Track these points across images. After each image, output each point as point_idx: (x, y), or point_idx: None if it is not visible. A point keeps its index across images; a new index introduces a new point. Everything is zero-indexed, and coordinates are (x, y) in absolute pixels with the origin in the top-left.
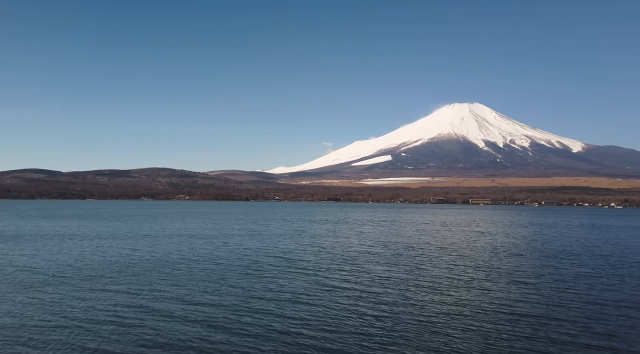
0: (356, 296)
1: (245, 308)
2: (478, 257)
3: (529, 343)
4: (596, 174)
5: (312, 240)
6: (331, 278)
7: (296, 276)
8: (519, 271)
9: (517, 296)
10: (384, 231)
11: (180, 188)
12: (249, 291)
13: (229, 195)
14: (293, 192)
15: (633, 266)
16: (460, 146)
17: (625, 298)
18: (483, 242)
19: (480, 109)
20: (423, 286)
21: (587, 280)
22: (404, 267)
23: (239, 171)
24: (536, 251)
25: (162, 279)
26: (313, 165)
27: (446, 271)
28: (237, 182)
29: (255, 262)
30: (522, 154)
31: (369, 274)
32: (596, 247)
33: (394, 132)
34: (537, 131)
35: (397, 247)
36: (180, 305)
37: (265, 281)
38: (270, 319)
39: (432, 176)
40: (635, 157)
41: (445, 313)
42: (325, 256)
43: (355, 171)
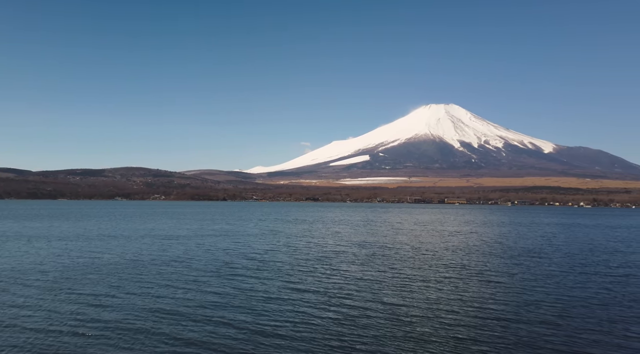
0: (328, 297)
1: (214, 311)
2: (451, 256)
3: (500, 342)
4: (566, 174)
5: (286, 240)
6: (304, 278)
7: (268, 277)
8: (490, 270)
9: (488, 296)
10: (359, 231)
11: (155, 188)
12: (219, 294)
13: (206, 195)
14: (271, 192)
15: (599, 264)
16: (437, 146)
17: (591, 296)
18: (456, 242)
19: (455, 110)
20: (396, 286)
21: (556, 279)
22: (378, 267)
23: (216, 171)
24: (507, 250)
25: (129, 282)
26: (291, 165)
27: (419, 271)
28: (214, 182)
29: (227, 263)
30: (496, 155)
31: (342, 275)
32: (565, 246)
33: (371, 133)
34: (510, 132)
35: (371, 247)
36: (144, 309)
37: (237, 283)
38: (240, 322)
39: (409, 175)
40: (604, 158)
41: (417, 313)
42: (300, 256)
43: (334, 171)
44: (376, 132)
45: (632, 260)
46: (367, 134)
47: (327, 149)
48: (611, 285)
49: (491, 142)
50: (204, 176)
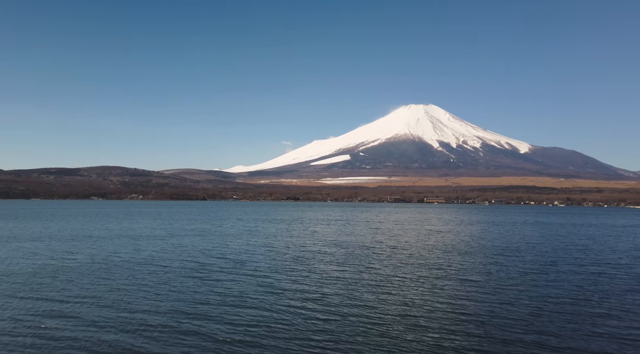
0: (304, 297)
1: (186, 314)
2: (428, 255)
3: (473, 341)
4: (541, 174)
5: (264, 240)
6: (280, 279)
7: (244, 278)
8: (466, 269)
9: (463, 295)
10: (338, 230)
11: (133, 187)
12: (192, 296)
13: (185, 194)
14: (251, 192)
15: (571, 263)
16: (416, 146)
17: (563, 294)
18: (433, 241)
19: (434, 111)
20: (372, 286)
21: (530, 277)
22: (355, 267)
23: (195, 170)
24: (483, 249)
25: (99, 285)
26: (272, 164)
27: (396, 270)
28: (193, 181)
29: (202, 264)
30: (474, 155)
31: (320, 275)
32: (539, 245)
33: (352, 132)
34: (487, 132)
35: (349, 247)
36: (114, 313)
37: (211, 284)
38: (212, 325)
39: (389, 175)
40: (577, 158)
41: (393, 313)
42: (277, 256)
43: (314, 170)
44: (357, 132)
45: (603, 258)
46: (348, 133)
47: (308, 149)
48: (582, 283)
49: (469, 143)
50: (183, 175)
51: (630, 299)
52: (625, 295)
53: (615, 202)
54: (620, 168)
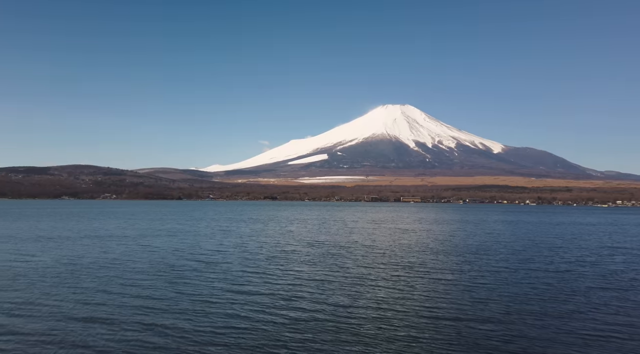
0: (275, 298)
1: (152, 317)
2: (401, 255)
3: (443, 339)
4: (514, 174)
5: (237, 240)
6: (252, 280)
7: (215, 280)
8: (439, 268)
9: (435, 294)
10: (313, 230)
11: (106, 187)
12: (160, 298)
13: (160, 194)
14: (228, 191)
15: (541, 261)
16: (393, 145)
17: (532, 292)
18: (407, 240)
19: (411, 111)
20: (345, 286)
21: (501, 275)
22: (329, 267)
23: (171, 169)
24: (456, 248)
25: (62, 287)
26: (249, 163)
27: (369, 270)
28: (169, 181)
29: (173, 265)
30: (449, 155)
31: (292, 275)
32: (510, 243)
33: (329, 132)
34: (462, 133)
35: (324, 246)
36: (75, 317)
37: (180, 286)
38: (179, 329)
39: (366, 174)
40: (548, 159)
41: (365, 313)
42: (250, 256)
43: (292, 170)
44: (334, 131)
45: (571, 256)
46: (326, 133)
47: (285, 148)
48: (551, 280)
49: (444, 143)
50: (158, 174)
51: (595, 296)
52: (591, 292)
53: (584, 201)
54: (589, 168)
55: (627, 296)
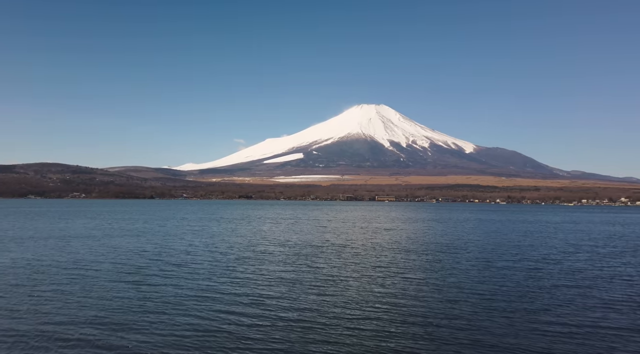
0: (243, 300)
1: (111, 324)
2: (373, 254)
3: (415, 340)
4: (484, 173)
5: (207, 240)
6: (220, 282)
7: (180, 282)
8: (409, 267)
9: (405, 293)
10: (286, 229)
11: (75, 185)
12: (121, 303)
13: (132, 193)
14: (202, 190)
15: (510, 260)
16: (368, 145)
17: (500, 290)
18: (380, 239)
19: (385, 111)
20: (315, 286)
21: (471, 273)
22: (299, 266)
23: (143, 167)
24: (428, 246)
25: (16, 291)
26: (224, 162)
27: (340, 270)
28: (140, 179)
29: (138, 267)
30: (423, 154)
31: (262, 276)
32: (480, 242)
33: (305, 131)
34: (435, 133)
35: (295, 246)
36: (25, 324)
37: (142, 289)
38: (137, 334)
39: (342, 173)
40: (517, 158)
41: (334, 314)
42: (219, 257)
43: (268, 169)
44: (310, 130)
45: (538, 254)
46: (302, 132)
47: (261, 147)
48: (519, 278)
49: (418, 142)
50: (130, 172)
51: (561, 293)
52: (557, 290)
53: (551, 200)
54: (556, 168)
55: (590, 293)
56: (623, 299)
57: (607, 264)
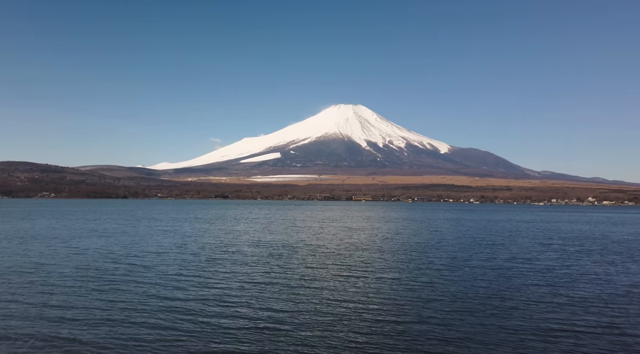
0: (210, 303)
1: (72, 330)
2: (346, 254)
3: (386, 341)
4: (459, 173)
5: (178, 241)
6: (187, 284)
7: (147, 285)
8: (383, 267)
9: (378, 294)
10: (260, 229)
11: (44, 185)
12: (82, 307)
13: (104, 192)
14: (177, 189)
15: (482, 259)
16: (345, 145)
17: (472, 290)
18: (354, 239)
19: (363, 111)
20: (286, 288)
21: (444, 273)
22: (271, 267)
23: (115, 166)
24: (403, 246)
25: None
26: (200, 161)
27: (313, 271)
28: (113, 179)
29: (102, 270)
30: (399, 154)
31: (232, 278)
32: (454, 241)
33: (283, 130)
34: (411, 133)
35: (269, 247)
36: None
37: (108, 294)
38: (99, 342)
39: (319, 173)
40: (490, 159)
41: (305, 316)
42: (189, 258)
43: (245, 168)
44: (287, 130)
45: (509, 253)
46: (279, 131)
47: (238, 146)
48: (490, 278)
49: (395, 143)
50: (102, 171)
51: (531, 292)
52: (527, 288)
53: (523, 200)
54: (527, 168)
55: (560, 292)
56: (591, 298)
57: (575, 262)
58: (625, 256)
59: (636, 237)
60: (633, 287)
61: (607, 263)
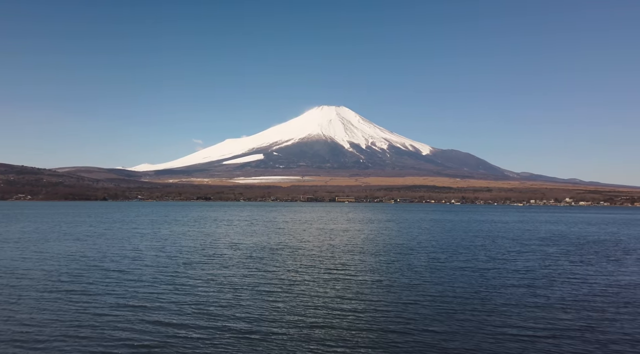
0: (186, 309)
1: (38, 341)
2: (327, 256)
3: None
4: (440, 175)
5: (155, 244)
6: (162, 288)
7: (121, 290)
8: (363, 269)
9: (358, 297)
10: (242, 231)
11: (20, 187)
12: (51, 315)
13: (83, 194)
14: (159, 191)
15: (462, 260)
16: (328, 146)
17: (452, 291)
18: (335, 241)
19: (345, 112)
20: (265, 290)
21: (424, 275)
22: (250, 270)
23: (95, 168)
24: (383, 248)
25: None
26: (182, 163)
27: (292, 274)
28: (92, 181)
29: (73, 274)
30: (382, 156)
31: (208, 282)
32: (435, 242)
33: (265, 132)
34: (394, 135)
35: (248, 249)
36: None
37: (80, 300)
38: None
39: (302, 174)
40: (471, 160)
41: (281, 322)
42: (165, 261)
43: (227, 170)
44: (270, 131)
45: (488, 254)
46: (262, 133)
47: (220, 147)
48: (470, 279)
49: (377, 144)
50: (81, 173)
51: (509, 293)
52: (506, 290)
53: (502, 200)
54: (507, 169)
55: (538, 292)
56: (569, 298)
57: (553, 263)
58: (601, 256)
59: (611, 237)
60: (609, 287)
61: (584, 263)
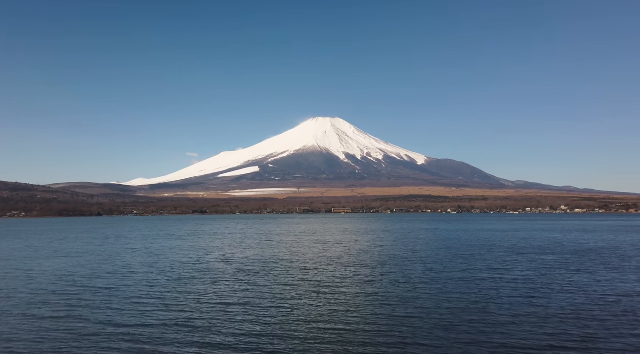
0: (175, 328)
1: None
2: (320, 268)
3: None
4: (436, 184)
5: (146, 259)
6: (150, 305)
7: (109, 308)
8: (356, 282)
9: (351, 311)
10: (236, 244)
11: (13, 204)
12: (34, 335)
13: (77, 210)
14: (154, 206)
15: (456, 269)
16: (324, 157)
17: (443, 302)
18: (330, 253)
19: (340, 124)
20: (257, 306)
21: (419, 287)
22: (242, 285)
23: (89, 183)
24: (377, 259)
25: None
26: (177, 176)
27: (284, 288)
28: (87, 196)
29: (59, 293)
30: (377, 166)
31: (201, 298)
32: (431, 252)
33: (261, 144)
34: (389, 145)
35: (240, 262)
36: None
37: (65, 319)
38: None
39: (298, 186)
40: (466, 169)
41: (272, 337)
42: (155, 277)
43: (222, 182)
44: (265, 143)
45: (484, 264)
46: (257, 145)
47: (215, 160)
48: (466, 290)
49: (372, 155)
50: (75, 189)
51: (506, 304)
52: (502, 300)
53: (498, 209)
54: (502, 178)
55: (535, 302)
56: (568, 308)
57: (550, 272)
58: (598, 264)
59: (608, 244)
60: (608, 295)
61: (581, 272)
